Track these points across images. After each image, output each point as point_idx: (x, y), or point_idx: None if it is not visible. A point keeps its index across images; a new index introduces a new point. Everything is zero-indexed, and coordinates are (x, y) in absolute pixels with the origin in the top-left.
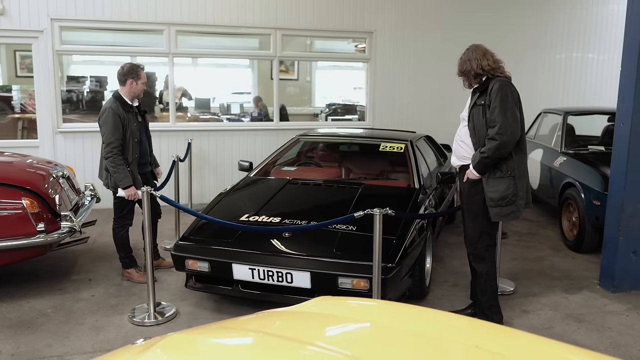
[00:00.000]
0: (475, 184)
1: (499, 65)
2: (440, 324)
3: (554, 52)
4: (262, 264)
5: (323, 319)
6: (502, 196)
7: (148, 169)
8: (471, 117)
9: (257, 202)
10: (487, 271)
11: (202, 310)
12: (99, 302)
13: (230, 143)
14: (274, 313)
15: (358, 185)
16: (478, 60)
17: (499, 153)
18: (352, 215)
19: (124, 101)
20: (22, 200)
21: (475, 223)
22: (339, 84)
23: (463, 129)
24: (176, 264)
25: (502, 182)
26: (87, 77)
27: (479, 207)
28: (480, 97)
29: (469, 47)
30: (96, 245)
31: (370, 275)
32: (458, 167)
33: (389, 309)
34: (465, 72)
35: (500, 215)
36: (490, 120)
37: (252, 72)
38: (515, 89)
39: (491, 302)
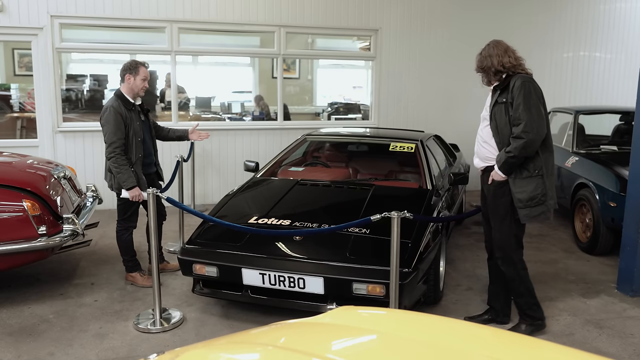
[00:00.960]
0: (501, 185)
1: (520, 63)
2: (462, 335)
3: (560, 51)
4: (273, 269)
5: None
6: (531, 196)
7: (153, 170)
8: (493, 116)
9: (266, 204)
10: (519, 274)
11: (210, 316)
12: (102, 308)
13: (234, 142)
14: (289, 325)
15: (369, 186)
16: (499, 57)
17: (526, 152)
18: (369, 219)
19: (126, 99)
20: (22, 203)
21: (503, 226)
22: (341, 83)
23: (485, 129)
24: (183, 268)
25: (530, 182)
26: (86, 75)
27: (506, 209)
28: (502, 94)
29: (489, 42)
30: (98, 247)
31: (387, 280)
32: (481, 168)
33: (412, 319)
34: (485, 68)
35: (530, 217)
36: (515, 118)
37: (253, 71)
38: (538, 85)
39: (530, 302)
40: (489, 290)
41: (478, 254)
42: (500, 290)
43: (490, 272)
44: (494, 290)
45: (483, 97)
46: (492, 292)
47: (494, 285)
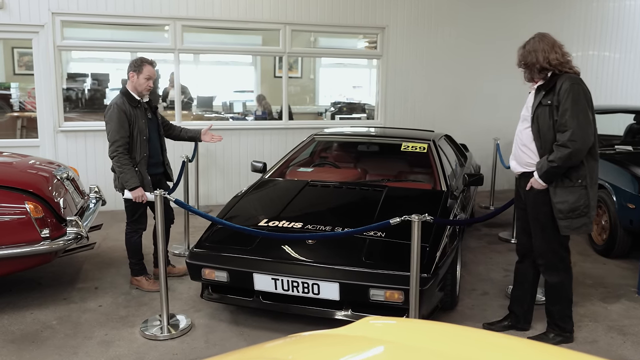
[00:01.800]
0: (541, 193)
1: (568, 60)
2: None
3: (569, 50)
4: (285, 274)
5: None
6: (573, 208)
7: (160, 170)
8: (535, 119)
9: (276, 205)
10: (562, 281)
11: (219, 322)
12: (107, 313)
13: (238, 142)
14: (307, 338)
15: (381, 187)
16: (545, 53)
17: (571, 162)
18: (388, 222)
19: (131, 96)
20: (25, 205)
21: (545, 234)
22: (343, 83)
23: (525, 131)
24: (191, 273)
25: (572, 192)
26: (87, 75)
27: (547, 218)
28: (547, 96)
29: (534, 36)
30: (101, 250)
31: (406, 286)
32: (519, 173)
33: (439, 331)
34: (529, 64)
35: (570, 229)
36: (560, 124)
37: (255, 70)
38: (586, 87)
39: (565, 313)
40: (512, 294)
41: (491, 256)
42: (525, 295)
43: (516, 276)
44: (518, 295)
45: (491, 96)
46: (515, 296)
47: (519, 290)
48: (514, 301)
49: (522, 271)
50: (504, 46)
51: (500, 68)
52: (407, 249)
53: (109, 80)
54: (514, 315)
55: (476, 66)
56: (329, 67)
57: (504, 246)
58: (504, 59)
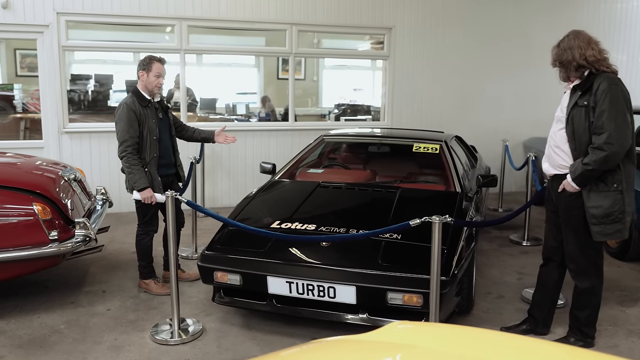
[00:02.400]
0: (574, 196)
1: (605, 57)
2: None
3: None
4: (300, 277)
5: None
6: (607, 213)
7: (172, 171)
8: (570, 120)
9: (288, 207)
10: (593, 287)
11: (230, 326)
12: (116, 317)
13: (244, 144)
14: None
15: (394, 188)
16: (581, 49)
17: (606, 165)
18: (408, 223)
19: (141, 95)
20: (33, 206)
21: (577, 238)
22: (347, 84)
23: (559, 133)
24: (203, 276)
25: (606, 197)
26: (90, 76)
27: (579, 221)
28: (583, 96)
29: (568, 33)
30: (107, 252)
31: (425, 290)
32: (551, 175)
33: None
34: (564, 62)
35: (603, 235)
36: (597, 126)
37: (258, 72)
38: (625, 87)
39: (591, 319)
40: (533, 297)
41: (503, 259)
42: (546, 299)
43: (539, 279)
44: (539, 298)
45: (497, 97)
46: (536, 300)
47: (540, 293)
48: (535, 305)
49: (545, 275)
50: (511, 47)
51: (507, 69)
52: (425, 251)
53: (112, 82)
54: (533, 319)
55: (483, 67)
56: (332, 69)
57: (516, 249)
58: (511, 60)
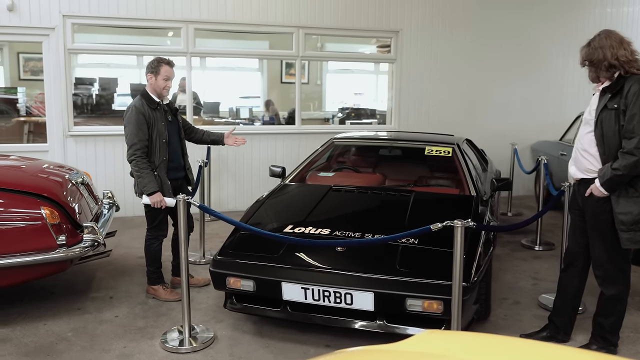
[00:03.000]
0: (602, 201)
1: (636, 58)
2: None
3: None
4: (316, 283)
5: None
6: (637, 220)
7: (181, 174)
8: (599, 123)
9: (300, 211)
10: (619, 293)
11: (242, 334)
12: (124, 324)
13: (250, 147)
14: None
15: (408, 192)
16: (613, 49)
17: (636, 171)
18: (429, 228)
19: (150, 98)
20: (40, 210)
21: (604, 244)
22: (351, 88)
23: (587, 136)
24: (215, 281)
25: (637, 203)
26: (95, 79)
27: (607, 227)
28: (613, 99)
29: (599, 33)
30: (113, 258)
31: (445, 296)
32: (578, 179)
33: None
34: (595, 62)
35: (633, 242)
36: (627, 130)
37: (262, 76)
38: None
39: (616, 326)
40: (555, 303)
41: (516, 264)
42: (567, 306)
43: (559, 285)
44: (560, 305)
45: (505, 100)
46: (557, 306)
47: (561, 299)
48: (555, 311)
49: (566, 281)
50: (518, 50)
51: (514, 72)
52: (443, 256)
53: (117, 85)
54: (554, 326)
55: (490, 70)
56: (335, 73)
57: (528, 253)
58: (518, 64)
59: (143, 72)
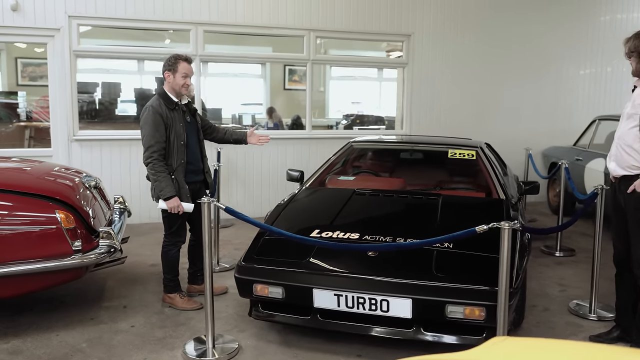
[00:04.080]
0: None
1: None
2: None
3: (591, 62)
4: (350, 289)
5: None
6: None
7: (200, 178)
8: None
9: (325, 215)
10: None
11: (267, 343)
12: (142, 334)
13: (260, 153)
14: None
15: (435, 196)
16: None
17: None
18: (474, 230)
19: (168, 98)
20: (55, 214)
21: None
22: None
23: (631, 131)
24: (241, 288)
25: None
26: (97, 84)
27: None
28: None
29: None
30: (123, 265)
31: (487, 302)
32: (619, 176)
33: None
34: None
35: None
36: None
37: (265, 82)
38: None
39: None
40: (617, 306)
41: (540, 270)
42: (628, 306)
43: (617, 288)
44: (622, 306)
45: (515, 105)
46: (620, 309)
47: (621, 301)
48: (620, 314)
49: (621, 284)
50: (529, 55)
51: (525, 77)
52: (482, 261)
53: (120, 90)
54: (622, 328)
55: (501, 74)
56: (339, 80)
57: (550, 259)
58: (529, 68)
59: (144, 77)
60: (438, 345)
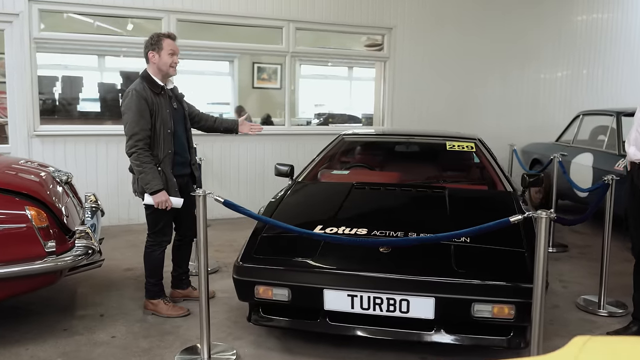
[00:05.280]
0: None
1: None
2: None
3: (574, 52)
4: (366, 289)
5: None
6: None
7: (187, 170)
8: None
9: (326, 210)
10: None
11: (267, 351)
12: (125, 346)
13: (237, 148)
14: None
15: (440, 189)
16: None
17: None
18: (508, 220)
19: (153, 81)
20: (26, 211)
21: None
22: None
23: None
24: (241, 291)
25: None
26: (57, 77)
27: None
28: None
29: None
30: (95, 271)
31: (517, 299)
32: (638, 161)
33: None
34: None
35: None
36: None
37: (232, 80)
38: None
39: None
40: (634, 299)
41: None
42: None
43: (634, 280)
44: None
45: (498, 100)
46: (637, 301)
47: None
48: (638, 307)
49: None
50: (511, 51)
51: (506, 73)
52: (503, 255)
53: (82, 85)
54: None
55: (484, 69)
56: (309, 79)
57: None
58: (510, 64)
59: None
60: (457, 349)
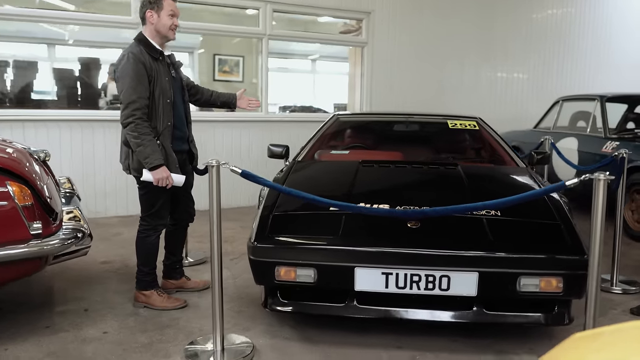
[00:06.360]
0: None
1: None
2: None
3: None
4: (402, 266)
5: None
6: None
7: (185, 147)
8: None
9: (337, 188)
10: None
11: (285, 341)
12: (120, 342)
13: (212, 135)
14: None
15: (452, 165)
16: None
17: None
18: (563, 183)
19: (150, 45)
20: (7, 187)
21: None
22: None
23: None
24: (258, 273)
25: None
26: (8, 62)
27: None
28: None
29: None
30: (70, 263)
31: (565, 271)
32: None
33: None
34: None
35: None
36: None
37: (192, 72)
38: None
39: None
40: None
41: None
42: None
43: None
44: None
45: (476, 84)
46: None
47: None
48: None
49: None
50: (485, 39)
51: (492, 56)
52: (538, 228)
53: (37, 70)
54: None
55: (461, 54)
56: (273, 72)
57: None
58: (485, 52)
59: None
60: (493, 328)
